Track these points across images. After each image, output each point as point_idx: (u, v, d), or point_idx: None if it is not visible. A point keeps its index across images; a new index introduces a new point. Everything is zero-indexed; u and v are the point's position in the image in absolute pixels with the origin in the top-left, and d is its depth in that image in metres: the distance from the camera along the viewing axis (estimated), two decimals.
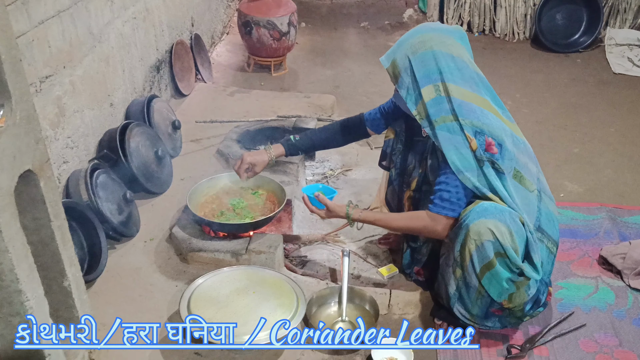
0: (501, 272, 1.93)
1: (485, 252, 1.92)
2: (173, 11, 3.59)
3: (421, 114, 2.00)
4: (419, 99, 1.99)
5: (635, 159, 3.39)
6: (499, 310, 2.06)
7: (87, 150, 2.59)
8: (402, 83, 2.03)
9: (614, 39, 4.95)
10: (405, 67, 2.01)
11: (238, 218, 2.40)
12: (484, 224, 1.90)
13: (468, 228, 1.93)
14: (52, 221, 1.70)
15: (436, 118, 1.97)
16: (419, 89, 1.98)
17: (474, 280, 1.98)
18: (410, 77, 2.00)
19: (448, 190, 1.98)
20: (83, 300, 1.90)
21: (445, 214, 2.00)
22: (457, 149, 1.96)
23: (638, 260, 2.43)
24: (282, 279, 2.14)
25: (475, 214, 1.93)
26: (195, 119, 3.30)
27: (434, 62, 1.97)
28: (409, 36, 2.06)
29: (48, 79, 2.23)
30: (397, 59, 2.04)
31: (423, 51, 1.98)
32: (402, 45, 2.05)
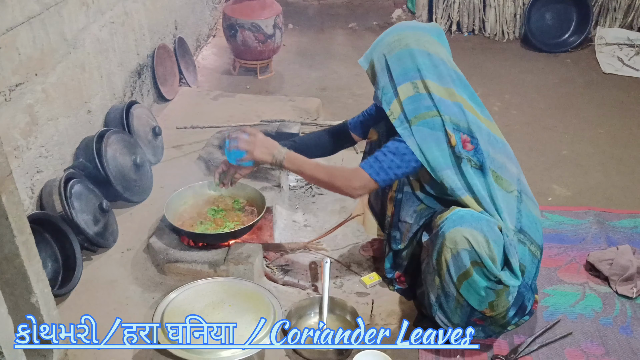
0: (479, 281, 1.88)
1: (461, 260, 1.87)
2: (154, 15, 3.53)
3: (395, 113, 1.97)
4: (394, 98, 1.96)
5: (624, 162, 3.34)
6: (480, 320, 2.01)
7: (63, 159, 2.53)
8: (378, 83, 2.01)
9: (604, 38, 4.91)
10: (382, 67, 2.00)
11: (217, 227, 2.35)
12: (460, 232, 1.85)
13: (444, 236, 1.88)
14: (16, 237, 1.64)
15: (416, 114, 1.93)
16: (395, 87, 1.96)
17: (452, 289, 1.94)
18: (387, 76, 1.98)
19: (385, 154, 1.96)
20: (52, 317, 1.85)
21: (369, 173, 1.96)
22: (438, 145, 1.93)
23: (625, 266, 2.38)
24: (259, 291, 2.09)
25: (451, 222, 1.88)
26: (178, 124, 3.25)
27: (411, 59, 1.95)
28: (385, 35, 2.04)
29: (18, 87, 2.17)
30: (374, 59, 2.03)
31: (399, 49, 1.97)
32: (379, 44, 2.03)
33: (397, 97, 1.96)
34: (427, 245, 1.99)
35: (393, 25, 2.08)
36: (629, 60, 4.61)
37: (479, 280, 1.88)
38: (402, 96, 1.95)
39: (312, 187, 3.03)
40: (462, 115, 1.93)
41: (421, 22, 2.13)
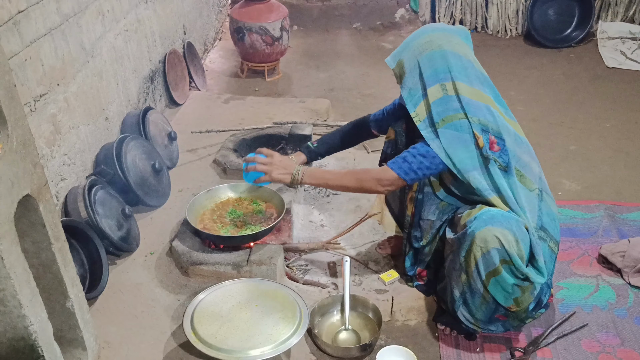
0: (507, 279, 1.94)
1: (491, 259, 1.93)
2: (164, 21, 3.59)
3: (420, 115, 2.00)
4: (422, 99, 1.99)
5: (632, 155, 3.39)
6: (503, 315, 2.07)
7: (84, 166, 2.58)
8: (405, 84, 2.03)
9: (607, 32, 4.96)
10: (411, 68, 2.02)
11: (237, 229, 2.40)
12: (491, 231, 1.90)
13: (474, 235, 1.93)
14: (53, 244, 1.70)
15: (443, 117, 1.97)
16: (425, 88, 1.98)
17: (479, 286, 1.99)
18: (417, 77, 2.00)
19: (414, 156, 2.01)
20: (86, 320, 1.90)
21: (399, 173, 2.02)
22: (466, 146, 1.97)
23: (637, 258, 2.43)
24: (283, 291, 2.14)
25: (482, 221, 1.93)
26: (191, 128, 3.30)
27: (443, 60, 1.98)
28: (415, 37, 2.07)
29: (42, 97, 2.22)
30: (403, 60, 2.05)
31: (431, 50, 1.99)
32: (409, 45, 2.05)
33: (425, 99, 1.99)
34: (453, 242, 2.04)
35: (421, 28, 2.11)
36: (632, 53, 4.66)
37: (507, 277, 1.94)
38: (430, 98, 1.98)
39: None
40: (490, 117, 1.98)
41: (448, 25, 2.15)
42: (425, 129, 2.00)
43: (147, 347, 2.07)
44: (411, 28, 5.30)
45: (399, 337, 2.19)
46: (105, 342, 2.06)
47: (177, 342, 2.09)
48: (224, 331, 1.96)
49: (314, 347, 2.15)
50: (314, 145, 2.46)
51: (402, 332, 2.22)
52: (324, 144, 2.47)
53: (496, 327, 2.12)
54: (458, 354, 2.12)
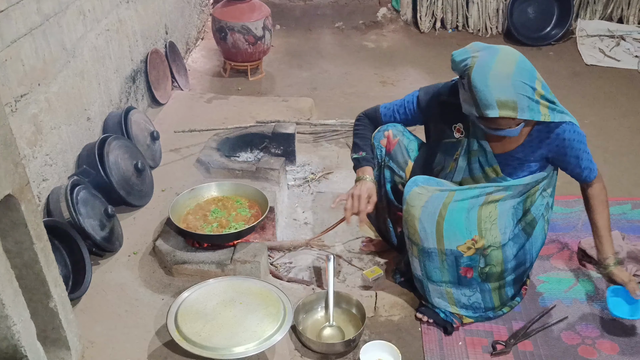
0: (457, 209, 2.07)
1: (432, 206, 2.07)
2: (146, 20, 3.58)
3: (546, 113, 2.02)
4: (538, 104, 1.99)
5: (609, 150, 3.45)
6: (469, 268, 2.13)
7: (66, 166, 2.57)
8: (521, 110, 1.94)
9: (585, 30, 5.03)
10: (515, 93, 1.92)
11: (221, 228, 2.41)
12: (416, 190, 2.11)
13: (406, 199, 2.13)
14: (35, 243, 1.69)
15: (551, 99, 2.05)
16: (534, 93, 1.97)
17: (430, 242, 2.09)
18: (524, 94, 1.94)
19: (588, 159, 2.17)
20: (70, 320, 1.90)
21: (596, 174, 2.22)
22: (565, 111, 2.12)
23: (616, 252, 2.47)
24: (268, 288, 2.16)
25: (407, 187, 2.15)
26: (174, 127, 3.30)
27: (524, 62, 1.99)
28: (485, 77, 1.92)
29: (23, 97, 2.21)
30: (500, 96, 1.92)
31: (513, 65, 1.94)
32: (492, 86, 1.91)
33: (540, 102, 1.99)
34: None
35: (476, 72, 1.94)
36: (610, 51, 4.73)
37: (458, 206, 2.07)
38: (541, 92, 1.99)
39: (309, 185, 3.10)
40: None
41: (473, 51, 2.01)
42: (555, 117, 2.05)
43: (132, 346, 2.07)
44: (393, 27, 5.33)
45: (382, 333, 2.22)
46: (89, 342, 2.06)
47: (161, 340, 2.10)
48: (208, 329, 1.97)
49: (298, 343, 2.16)
50: (364, 152, 2.34)
51: (385, 328, 2.24)
52: (368, 146, 2.37)
53: (472, 291, 2.19)
54: (440, 348, 2.15)
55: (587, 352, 2.15)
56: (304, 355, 2.13)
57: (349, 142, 3.48)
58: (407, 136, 2.34)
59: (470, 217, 2.07)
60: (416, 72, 4.55)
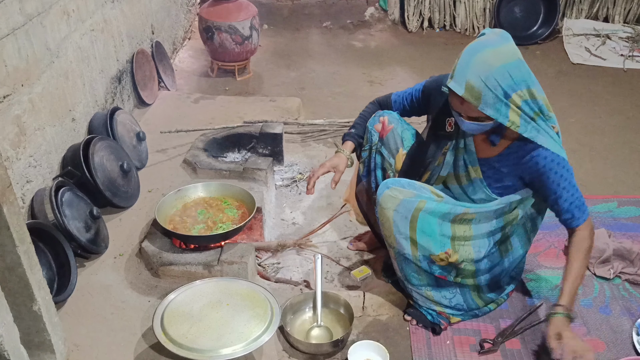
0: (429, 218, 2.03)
1: (404, 210, 2.04)
2: (132, 20, 3.55)
3: (515, 122, 1.95)
4: (508, 110, 1.94)
5: (595, 148, 3.47)
6: (442, 276, 2.14)
7: (51, 168, 2.54)
8: (485, 104, 1.92)
9: (571, 29, 5.06)
10: (486, 85, 1.89)
11: (208, 229, 2.40)
12: (393, 190, 2.06)
13: (379, 203, 2.08)
14: (18, 246, 1.67)
15: (532, 116, 1.98)
16: (508, 99, 1.92)
17: (405, 247, 2.07)
18: (496, 92, 1.90)
19: (577, 197, 2.04)
20: (54, 323, 1.88)
21: (588, 214, 2.07)
22: (551, 133, 2.04)
23: (602, 249, 2.49)
24: (254, 289, 2.15)
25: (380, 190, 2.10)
26: (160, 128, 3.27)
27: (518, 70, 1.92)
28: (474, 53, 1.91)
29: (6, 98, 2.19)
30: (472, 81, 1.90)
31: (503, 63, 1.90)
32: (473, 65, 1.90)
33: (511, 107, 1.93)
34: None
35: (471, 46, 1.94)
36: (596, 50, 4.76)
37: (428, 217, 2.03)
38: (518, 102, 1.93)
39: (297, 185, 3.09)
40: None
41: (492, 32, 2.01)
42: (526, 131, 1.97)
43: (118, 349, 2.05)
44: (381, 26, 5.34)
45: (370, 332, 2.21)
46: (75, 345, 2.04)
47: (147, 343, 2.08)
48: (194, 331, 1.96)
49: (286, 344, 2.15)
50: (354, 130, 2.36)
51: (373, 327, 2.24)
52: (361, 127, 2.37)
53: (452, 294, 2.19)
54: (428, 347, 2.15)
55: None
56: (292, 356, 2.12)
57: (337, 141, 3.47)
58: (403, 125, 2.32)
59: (443, 230, 2.05)
60: (404, 72, 4.55)
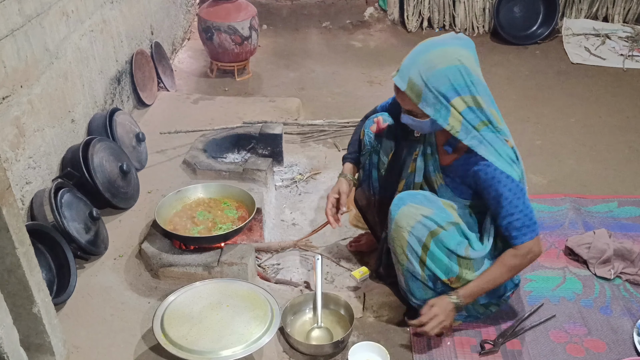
0: (439, 248, 2.03)
1: (419, 233, 2.02)
2: (131, 21, 3.54)
3: (455, 127, 1.95)
4: (449, 113, 1.93)
5: (596, 149, 3.47)
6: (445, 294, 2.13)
7: (50, 169, 2.54)
8: (425, 102, 1.93)
9: (571, 29, 5.06)
10: (427, 84, 1.91)
11: (208, 230, 2.39)
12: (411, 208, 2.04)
13: (395, 218, 2.06)
14: (17, 248, 1.67)
15: (476, 124, 1.96)
16: (449, 102, 1.92)
17: (416, 267, 2.07)
18: (437, 93, 1.91)
19: (516, 218, 1.99)
20: (54, 325, 1.87)
21: (529, 238, 2.01)
22: (504, 146, 2.00)
23: (603, 249, 2.49)
24: (255, 291, 2.14)
25: (395, 205, 2.07)
26: (160, 129, 3.27)
27: (460, 76, 1.91)
28: (422, 52, 1.96)
29: (5, 99, 2.18)
30: (413, 77, 1.93)
31: (446, 66, 1.90)
32: (418, 62, 1.94)
33: (452, 111, 1.93)
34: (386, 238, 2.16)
35: (425, 43, 1.99)
36: (596, 49, 4.76)
37: (440, 245, 2.03)
38: (459, 108, 1.93)
39: (297, 186, 3.09)
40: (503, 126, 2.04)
41: (451, 36, 2.03)
42: (467, 136, 1.96)
43: (117, 351, 2.05)
44: (380, 26, 5.33)
45: (371, 333, 2.21)
46: (74, 347, 2.04)
47: (147, 345, 2.07)
48: (195, 332, 1.95)
49: (286, 345, 2.15)
50: (350, 151, 2.42)
51: (374, 328, 2.23)
52: (354, 142, 2.41)
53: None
54: (429, 348, 2.15)
55: (575, 350, 2.15)
56: (293, 357, 2.11)
57: (337, 142, 3.47)
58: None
59: (451, 260, 2.05)
60: None
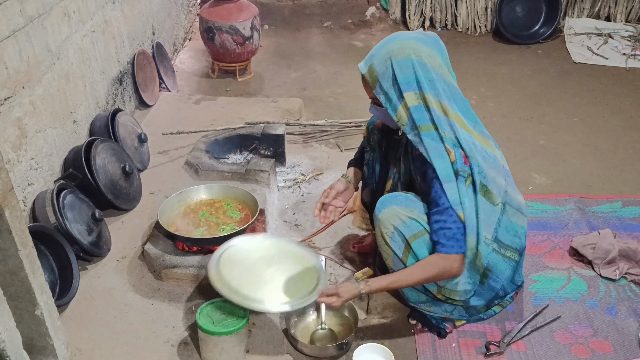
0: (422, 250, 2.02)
1: (398, 237, 2.03)
2: (133, 21, 3.53)
3: (402, 119, 1.97)
4: (399, 104, 1.96)
5: (599, 148, 3.46)
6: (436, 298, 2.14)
7: (52, 170, 2.53)
8: (379, 88, 1.99)
9: (573, 28, 5.04)
10: (383, 72, 1.97)
11: (211, 231, 2.38)
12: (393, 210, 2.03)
13: (378, 219, 2.07)
14: (20, 250, 1.65)
15: (421, 124, 1.95)
16: (401, 93, 1.95)
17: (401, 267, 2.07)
18: (390, 82, 1.96)
19: (449, 227, 1.95)
20: (57, 328, 1.86)
21: (456, 252, 1.98)
22: (442, 158, 1.95)
23: (608, 250, 2.48)
24: (309, 256, 2.21)
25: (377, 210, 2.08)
26: (162, 129, 3.26)
27: (412, 70, 1.94)
28: (386, 43, 2.01)
29: (7, 100, 2.17)
30: (374, 64, 1.99)
31: (403, 58, 1.94)
32: (380, 51, 2.00)
33: (402, 103, 1.96)
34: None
35: (393, 34, 2.06)
36: (598, 49, 4.75)
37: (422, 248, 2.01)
38: (409, 103, 1.95)
39: (300, 187, 3.07)
40: (458, 133, 1.95)
41: (418, 32, 2.07)
42: (410, 132, 1.98)
43: (120, 353, 2.04)
44: (382, 26, 5.32)
45: (375, 335, 2.20)
46: (77, 349, 2.03)
47: (150, 347, 2.06)
48: (242, 277, 2.05)
49: (290, 347, 2.14)
50: (355, 156, 2.46)
51: (378, 330, 2.22)
52: (360, 150, 2.44)
53: (457, 312, 2.18)
54: (434, 350, 2.14)
55: (580, 351, 2.14)
56: (297, 359, 2.10)
57: (339, 142, 3.46)
58: None
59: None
60: None
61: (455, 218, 1.95)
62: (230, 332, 1.94)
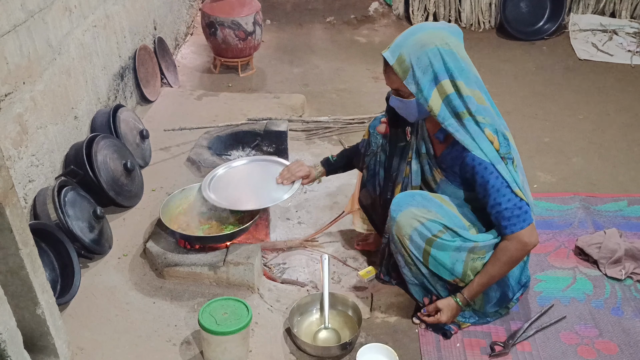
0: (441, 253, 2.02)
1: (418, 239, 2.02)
2: (134, 16, 3.50)
3: (435, 108, 1.95)
4: (431, 92, 1.94)
5: (604, 146, 3.43)
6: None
7: (53, 167, 2.50)
8: (411, 78, 1.95)
9: (578, 24, 5.01)
10: (416, 61, 1.93)
11: (213, 229, 2.36)
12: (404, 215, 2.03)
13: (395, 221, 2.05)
14: (21, 249, 1.63)
15: (460, 111, 1.95)
16: (437, 82, 1.93)
17: (422, 268, 2.08)
18: (423, 71, 1.93)
19: (505, 207, 1.95)
20: (58, 327, 1.84)
21: (521, 227, 1.97)
22: (486, 142, 1.95)
23: (613, 249, 2.45)
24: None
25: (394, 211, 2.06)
26: (163, 125, 3.23)
27: (445, 60, 1.93)
28: (413, 32, 1.98)
29: (8, 96, 2.15)
30: (404, 54, 1.95)
31: (434, 47, 1.93)
32: (408, 40, 1.96)
33: (436, 91, 1.94)
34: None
35: (418, 24, 2.03)
36: (603, 45, 4.71)
37: (441, 249, 2.01)
38: (447, 91, 1.93)
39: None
40: (494, 121, 1.98)
41: (442, 23, 2.08)
42: (446, 120, 1.96)
43: (122, 352, 2.02)
44: (385, 21, 5.29)
45: (379, 335, 2.18)
46: (79, 348, 2.01)
47: (152, 346, 2.04)
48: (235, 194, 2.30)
49: (293, 346, 2.12)
50: (334, 158, 2.47)
51: (382, 329, 2.20)
52: (343, 157, 2.47)
53: (467, 313, 2.17)
54: (438, 350, 2.11)
55: (586, 352, 2.12)
56: (300, 358, 2.08)
57: (342, 139, 3.43)
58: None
59: (456, 261, 2.03)
60: None
61: (510, 196, 1.94)
62: (234, 331, 1.92)
